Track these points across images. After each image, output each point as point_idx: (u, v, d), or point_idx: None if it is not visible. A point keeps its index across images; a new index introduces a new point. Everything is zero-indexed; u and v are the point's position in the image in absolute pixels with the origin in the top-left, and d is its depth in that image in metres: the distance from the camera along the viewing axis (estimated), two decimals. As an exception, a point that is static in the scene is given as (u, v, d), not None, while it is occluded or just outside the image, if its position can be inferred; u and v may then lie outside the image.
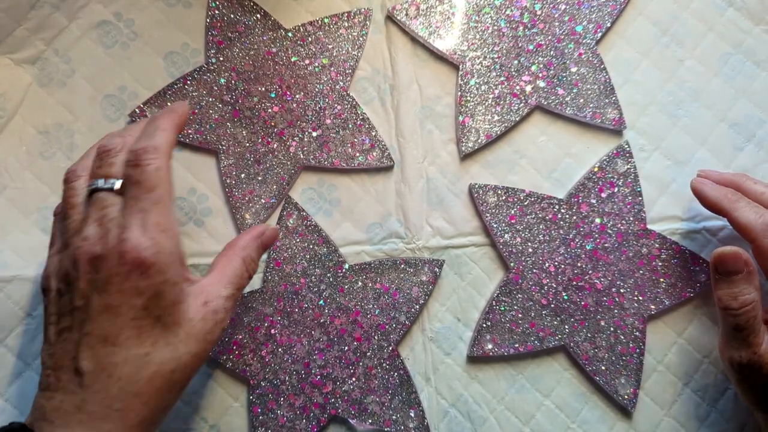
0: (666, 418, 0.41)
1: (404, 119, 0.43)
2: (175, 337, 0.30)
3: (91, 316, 0.29)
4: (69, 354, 0.29)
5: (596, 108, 0.43)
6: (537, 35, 0.43)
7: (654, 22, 0.45)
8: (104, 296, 0.29)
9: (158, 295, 0.29)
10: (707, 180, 0.40)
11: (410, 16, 0.43)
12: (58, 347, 0.30)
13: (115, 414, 0.29)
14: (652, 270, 0.41)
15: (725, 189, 0.38)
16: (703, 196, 0.39)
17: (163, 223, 0.30)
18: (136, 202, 0.30)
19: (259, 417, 0.39)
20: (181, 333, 0.30)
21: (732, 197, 0.38)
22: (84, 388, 0.29)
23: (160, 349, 0.30)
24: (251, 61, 0.42)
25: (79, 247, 0.30)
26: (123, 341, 0.29)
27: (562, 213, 0.42)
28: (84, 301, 0.29)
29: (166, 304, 0.30)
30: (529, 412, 0.41)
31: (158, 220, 0.30)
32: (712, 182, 0.39)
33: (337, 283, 0.41)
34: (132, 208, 0.30)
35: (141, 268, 0.29)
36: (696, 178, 0.40)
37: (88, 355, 0.29)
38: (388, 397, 0.40)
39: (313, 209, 0.42)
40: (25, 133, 0.42)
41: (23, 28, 0.42)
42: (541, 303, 0.41)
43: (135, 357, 0.29)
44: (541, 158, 0.43)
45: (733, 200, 0.38)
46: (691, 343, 0.42)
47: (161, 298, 0.30)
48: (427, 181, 0.43)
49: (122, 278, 0.29)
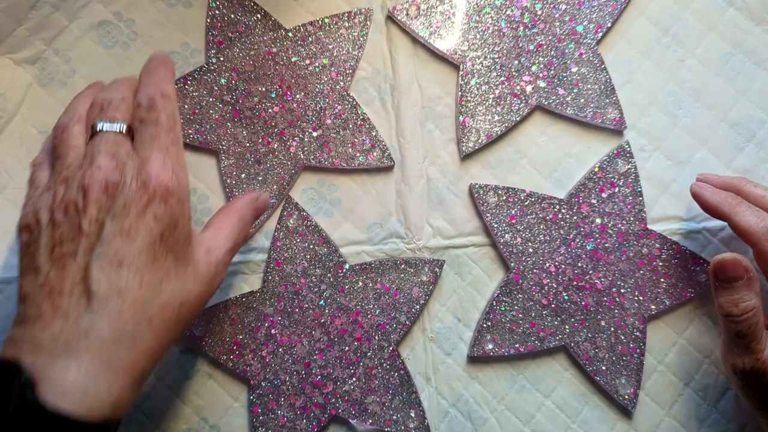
0: (666, 418, 0.41)
1: (405, 119, 0.43)
2: (184, 272, 0.31)
3: (104, 239, 0.29)
4: (72, 279, 0.28)
5: (597, 108, 0.43)
6: (537, 35, 0.43)
7: (655, 22, 0.44)
8: (120, 221, 0.29)
9: (174, 226, 0.30)
10: (707, 184, 0.39)
11: (411, 16, 0.43)
12: (52, 275, 0.28)
13: (127, 340, 0.28)
14: (653, 270, 0.41)
15: (725, 193, 0.38)
16: (703, 201, 0.39)
17: (180, 160, 0.31)
18: (153, 140, 0.31)
19: (260, 417, 0.39)
20: (189, 270, 0.31)
21: (732, 201, 0.38)
22: (93, 312, 0.28)
23: (171, 279, 0.30)
24: (252, 61, 0.42)
25: (91, 175, 0.29)
26: (138, 266, 0.29)
27: (563, 213, 0.42)
28: (95, 227, 0.29)
29: (180, 238, 0.30)
30: (529, 413, 0.41)
31: (177, 156, 0.31)
32: (712, 186, 0.39)
33: (338, 283, 0.41)
34: (152, 144, 0.31)
35: (163, 196, 0.29)
36: (695, 183, 0.40)
37: (100, 278, 0.28)
38: (389, 397, 0.40)
39: (314, 209, 0.42)
40: (25, 133, 0.42)
41: (23, 28, 0.42)
42: (542, 303, 0.41)
43: (149, 282, 0.29)
44: (541, 158, 0.43)
45: (734, 204, 0.37)
46: (691, 343, 0.42)
47: (176, 229, 0.30)
48: (428, 181, 0.43)
49: (142, 205, 0.29)
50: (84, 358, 0.27)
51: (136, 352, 0.28)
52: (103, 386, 0.27)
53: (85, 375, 0.27)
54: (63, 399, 0.26)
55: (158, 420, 0.40)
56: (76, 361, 0.27)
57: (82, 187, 0.29)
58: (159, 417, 0.40)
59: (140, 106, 0.32)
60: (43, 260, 0.29)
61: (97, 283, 0.28)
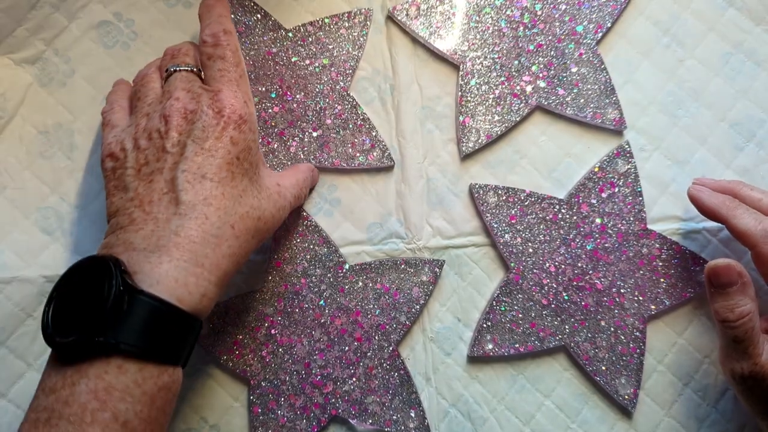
0: (666, 418, 0.41)
1: (405, 119, 0.43)
2: (259, 193, 0.34)
3: (187, 156, 0.31)
4: (161, 190, 0.31)
5: (597, 108, 0.43)
6: (537, 35, 0.43)
7: (654, 22, 0.44)
8: (201, 142, 0.32)
9: (248, 150, 0.33)
10: (704, 187, 0.39)
11: (411, 16, 0.43)
12: (141, 189, 0.31)
13: (212, 240, 0.30)
14: (653, 270, 0.41)
15: (723, 196, 0.38)
16: (700, 204, 0.39)
17: (249, 93, 0.34)
18: (222, 74, 0.34)
19: (260, 417, 0.39)
20: (263, 192, 0.34)
21: (730, 204, 0.38)
22: (181, 215, 0.30)
23: (248, 196, 0.33)
24: (251, 61, 0.42)
25: (171, 105, 0.33)
26: (220, 179, 0.31)
27: (563, 213, 0.42)
28: (178, 148, 0.32)
29: (254, 161, 0.33)
30: (529, 412, 0.41)
31: (245, 89, 0.34)
32: (709, 189, 0.39)
33: (338, 284, 0.41)
34: (221, 78, 0.34)
35: (237, 123, 0.32)
36: (692, 186, 0.40)
37: (187, 187, 0.31)
38: (389, 397, 0.40)
39: (314, 209, 0.42)
40: (25, 133, 0.42)
41: (23, 28, 0.42)
42: (542, 303, 0.41)
43: (231, 194, 0.32)
44: (541, 158, 0.43)
45: (731, 207, 0.37)
46: (691, 343, 0.42)
47: (250, 153, 0.33)
48: (428, 181, 0.43)
49: (219, 129, 0.32)
50: (174, 254, 0.29)
51: (220, 253, 0.31)
52: (192, 279, 0.29)
53: (175, 268, 0.29)
54: (156, 288, 0.28)
55: (158, 420, 0.40)
56: (168, 256, 0.29)
57: (163, 117, 0.33)
58: (159, 417, 0.40)
59: (206, 43, 0.34)
60: (130, 179, 0.32)
61: (185, 192, 0.31)
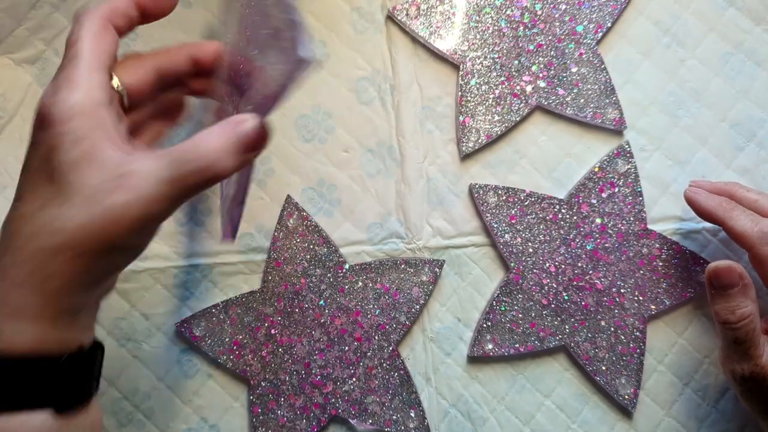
0: (666, 418, 0.41)
1: (404, 119, 0.43)
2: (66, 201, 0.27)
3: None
4: None
5: (597, 108, 0.43)
6: (537, 35, 0.43)
7: (655, 22, 0.44)
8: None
9: (52, 150, 0.27)
10: (701, 189, 0.39)
11: (411, 16, 0.43)
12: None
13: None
14: (653, 270, 0.41)
15: (719, 198, 0.38)
16: (697, 206, 0.39)
17: (75, 78, 0.29)
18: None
19: (260, 417, 0.39)
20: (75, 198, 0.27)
21: (727, 206, 0.38)
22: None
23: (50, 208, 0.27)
24: (251, 61, 0.42)
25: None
26: (22, 195, 0.28)
27: (563, 213, 0.42)
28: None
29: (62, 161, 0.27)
30: (529, 413, 0.41)
31: (68, 74, 0.29)
32: (706, 192, 0.39)
33: (338, 284, 0.41)
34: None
35: (39, 120, 0.28)
36: (689, 188, 0.40)
37: None
38: (389, 397, 0.40)
39: (314, 209, 0.42)
40: (25, 133, 0.42)
41: (23, 28, 0.42)
42: (542, 303, 0.41)
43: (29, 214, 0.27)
44: (541, 158, 0.43)
45: (728, 209, 0.37)
46: (691, 343, 0.42)
47: (56, 153, 0.27)
48: (428, 181, 0.43)
49: (33, 132, 0.29)
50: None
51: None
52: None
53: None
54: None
55: (158, 420, 0.40)
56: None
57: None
58: (159, 417, 0.40)
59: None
60: None
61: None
